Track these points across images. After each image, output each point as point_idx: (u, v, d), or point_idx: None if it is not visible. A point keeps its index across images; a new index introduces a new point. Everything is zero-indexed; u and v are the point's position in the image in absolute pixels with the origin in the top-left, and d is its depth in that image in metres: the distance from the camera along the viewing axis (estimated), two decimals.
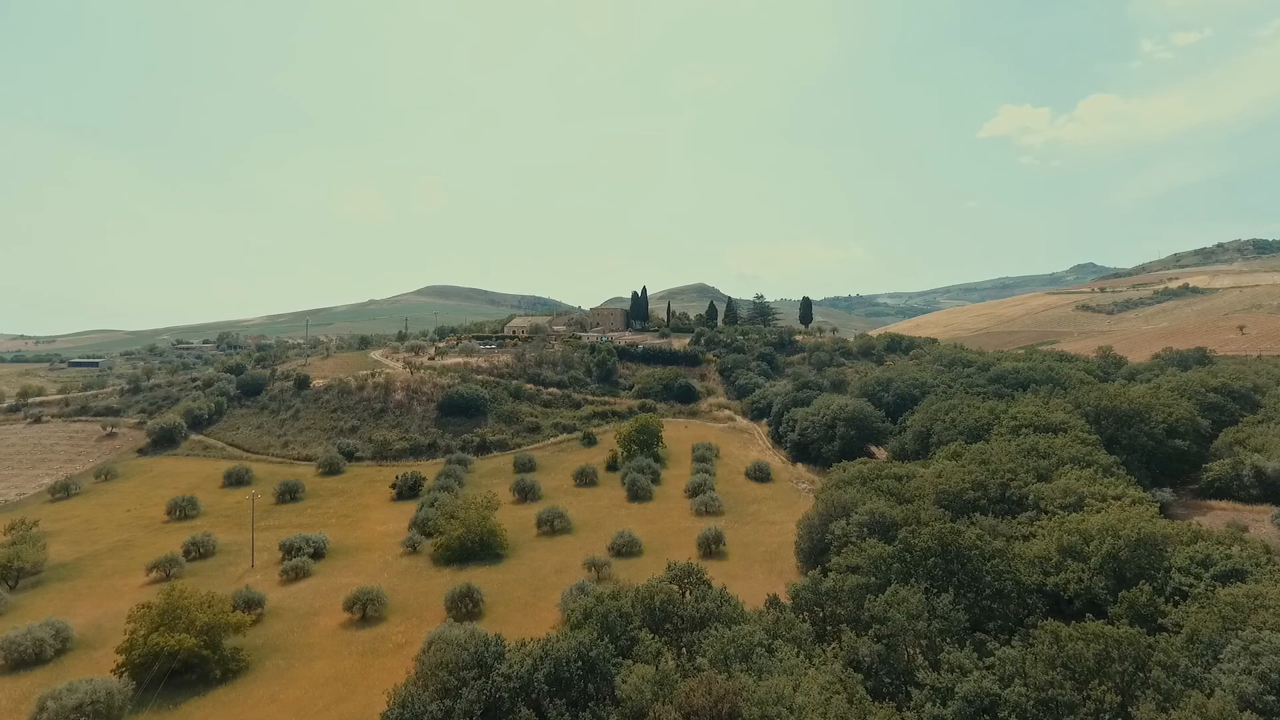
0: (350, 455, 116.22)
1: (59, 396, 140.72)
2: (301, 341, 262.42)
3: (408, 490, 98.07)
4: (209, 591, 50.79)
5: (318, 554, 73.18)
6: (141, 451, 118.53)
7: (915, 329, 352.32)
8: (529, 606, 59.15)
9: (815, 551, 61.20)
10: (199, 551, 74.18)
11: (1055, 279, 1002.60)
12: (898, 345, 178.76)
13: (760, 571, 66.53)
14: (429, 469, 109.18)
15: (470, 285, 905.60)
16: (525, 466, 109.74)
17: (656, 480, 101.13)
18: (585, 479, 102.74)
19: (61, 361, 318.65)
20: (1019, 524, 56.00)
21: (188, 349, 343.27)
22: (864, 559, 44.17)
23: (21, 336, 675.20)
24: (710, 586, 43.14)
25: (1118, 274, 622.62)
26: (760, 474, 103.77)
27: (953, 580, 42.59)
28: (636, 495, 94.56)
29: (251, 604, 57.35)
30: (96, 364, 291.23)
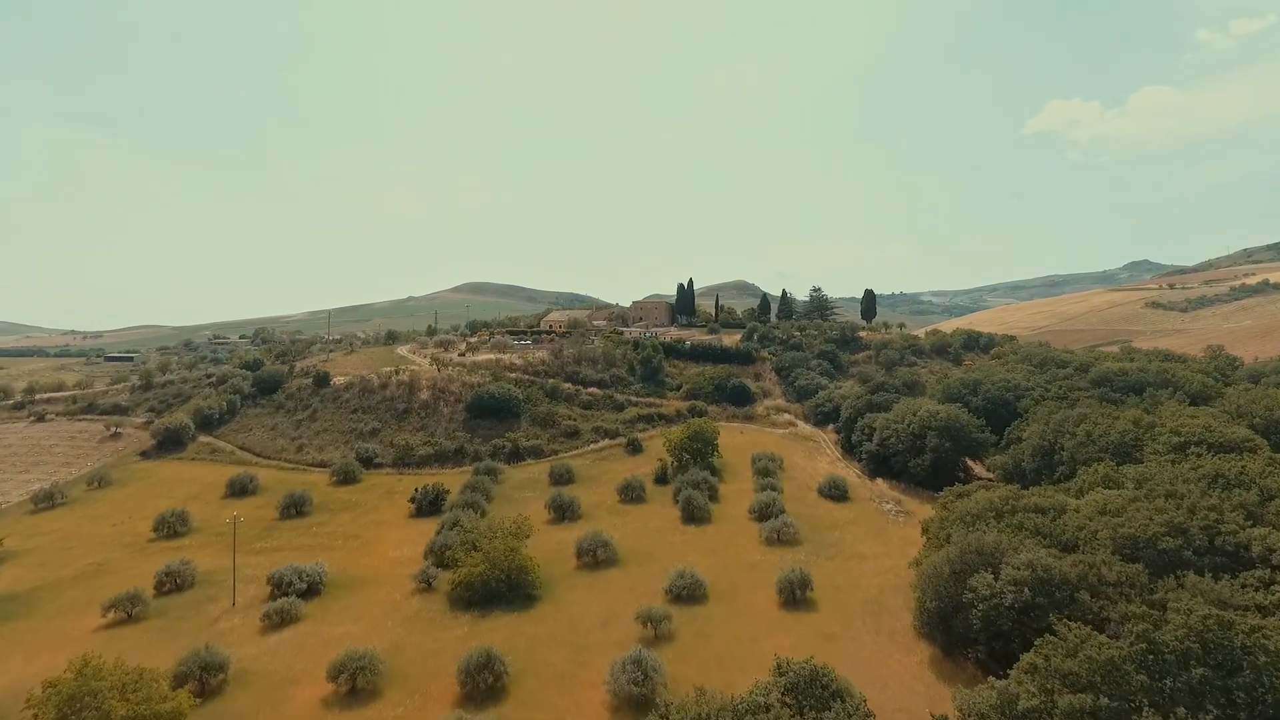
0: (369, 461, 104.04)
1: (66, 393, 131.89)
2: (337, 336, 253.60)
3: (428, 505, 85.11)
4: (137, 666, 37.65)
5: (312, 590, 60.19)
6: (144, 454, 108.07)
7: (969, 326, 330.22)
8: (567, 679, 45.01)
9: (947, 613, 45.93)
10: (174, 583, 61.91)
11: (1108, 276, 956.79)
12: (975, 343, 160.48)
13: (865, 630, 51.50)
14: (454, 479, 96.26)
15: (507, 282, 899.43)
16: (562, 478, 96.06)
17: (714, 497, 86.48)
18: (631, 494, 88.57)
19: (98, 356, 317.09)
20: (1248, 590, 39.91)
21: (223, 344, 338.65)
22: (1081, 663, 28.81)
23: (72, 332, 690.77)
24: (843, 700, 28.36)
25: (1182, 270, 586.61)
26: (836, 491, 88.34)
27: (1223, 698, 27.25)
28: (693, 516, 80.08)
29: (210, 669, 44.33)
30: (131, 359, 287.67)
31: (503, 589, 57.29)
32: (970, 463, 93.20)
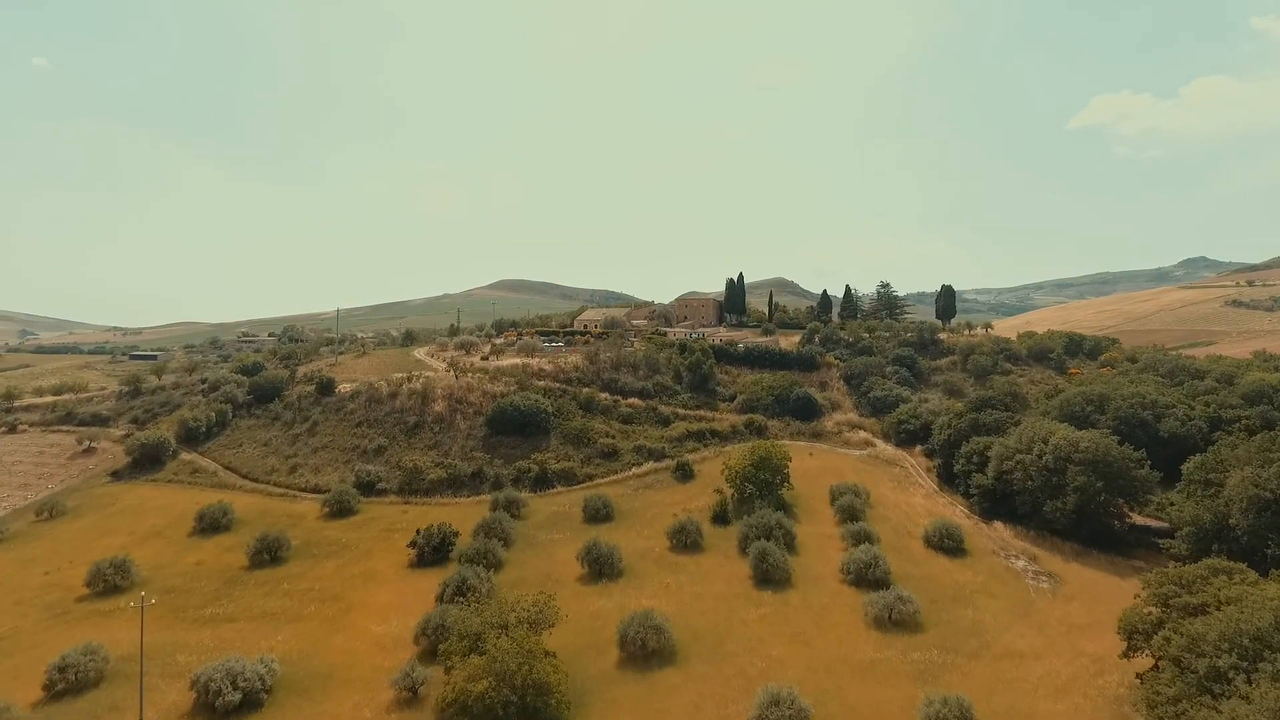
0: (370, 487, 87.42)
1: (46, 400, 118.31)
2: (355, 334, 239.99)
3: (431, 552, 67.77)
4: None
5: (250, 701, 43.05)
6: (116, 474, 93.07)
7: (1026, 325, 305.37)
8: None
9: None
10: (71, 682, 45.22)
11: (1163, 274, 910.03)
12: (1079, 347, 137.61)
13: None
14: (468, 511, 79.22)
15: (542, 279, 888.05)
16: (598, 514, 78.02)
17: (791, 546, 67.45)
18: (685, 540, 70.10)
19: (124, 355, 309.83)
20: None
21: (250, 342, 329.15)
22: None
23: (114, 328, 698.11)
24: None
25: (1252, 267, 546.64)
26: (949, 542, 68.66)
27: None
28: (767, 577, 61.46)
29: None
30: (155, 357, 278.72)
31: (513, 714, 39.34)
32: (1125, 507, 72.51)
